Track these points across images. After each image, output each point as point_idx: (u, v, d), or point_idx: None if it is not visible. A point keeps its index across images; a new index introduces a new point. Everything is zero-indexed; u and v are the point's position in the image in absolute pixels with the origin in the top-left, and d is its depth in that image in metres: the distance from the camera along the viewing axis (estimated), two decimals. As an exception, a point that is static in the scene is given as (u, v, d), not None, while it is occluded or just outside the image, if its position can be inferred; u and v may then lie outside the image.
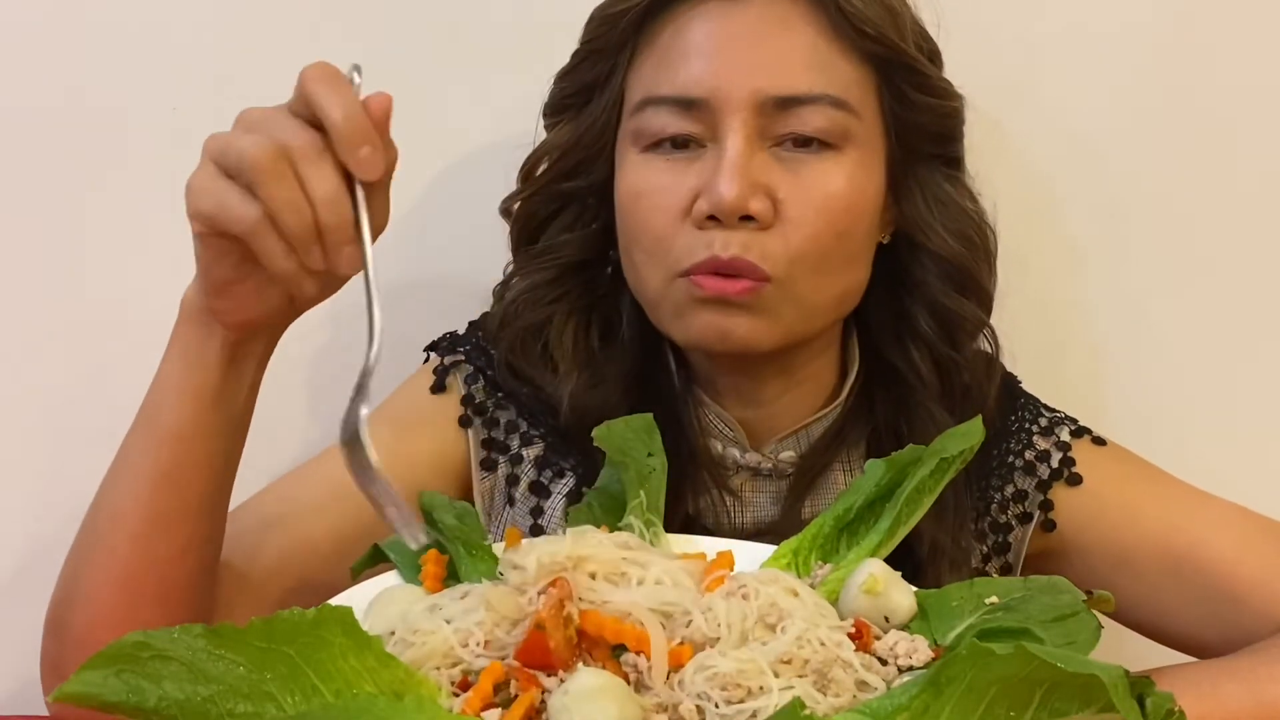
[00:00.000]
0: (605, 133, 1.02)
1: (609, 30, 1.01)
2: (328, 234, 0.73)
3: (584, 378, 1.03)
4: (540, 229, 1.07)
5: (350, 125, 0.73)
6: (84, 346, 1.21)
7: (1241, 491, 1.06)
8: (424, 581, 0.80)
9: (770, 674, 0.66)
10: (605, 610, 0.70)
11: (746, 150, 0.95)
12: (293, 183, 0.73)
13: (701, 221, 0.95)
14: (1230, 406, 1.30)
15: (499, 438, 1.06)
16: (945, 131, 1.04)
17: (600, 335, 1.06)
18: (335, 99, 0.73)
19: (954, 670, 0.62)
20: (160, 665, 0.59)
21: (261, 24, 1.21)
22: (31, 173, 1.20)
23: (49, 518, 0.91)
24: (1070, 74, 1.26)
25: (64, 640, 0.87)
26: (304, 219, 0.73)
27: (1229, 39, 1.27)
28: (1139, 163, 1.27)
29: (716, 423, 1.05)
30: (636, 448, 0.88)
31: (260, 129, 0.75)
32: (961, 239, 1.04)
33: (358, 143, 0.73)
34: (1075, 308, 1.29)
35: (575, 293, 1.06)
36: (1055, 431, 1.08)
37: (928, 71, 1.01)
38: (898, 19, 0.99)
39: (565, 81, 1.05)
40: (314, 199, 0.73)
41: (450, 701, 0.66)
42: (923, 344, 1.05)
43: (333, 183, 0.73)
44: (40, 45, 1.20)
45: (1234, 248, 1.29)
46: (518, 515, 1.05)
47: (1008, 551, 1.07)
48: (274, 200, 0.73)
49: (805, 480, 1.04)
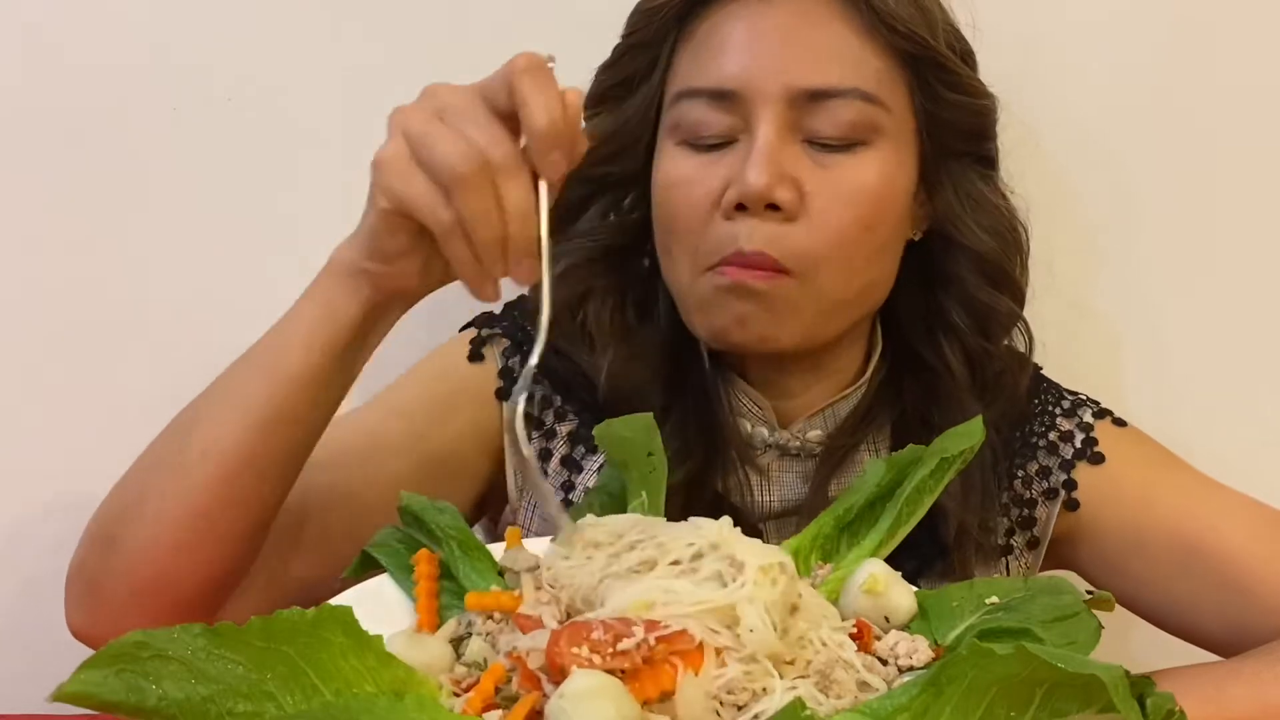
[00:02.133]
0: (644, 125, 1.04)
1: (649, 24, 1.03)
2: (513, 246, 0.74)
3: (622, 352, 1.04)
4: (577, 213, 1.08)
5: (553, 131, 0.73)
6: (85, 346, 1.21)
7: (1259, 485, 1.06)
8: (418, 582, 0.79)
9: (776, 675, 0.66)
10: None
11: (776, 141, 0.96)
12: (490, 194, 0.73)
13: (730, 211, 0.97)
14: (1249, 401, 1.30)
15: (533, 412, 1.07)
16: (977, 130, 1.05)
17: (637, 313, 1.08)
18: (541, 101, 0.73)
19: (954, 670, 0.62)
20: (160, 664, 0.59)
21: (262, 24, 1.21)
22: (31, 173, 1.20)
23: (51, 518, 0.90)
24: (1091, 71, 1.26)
25: (111, 555, 0.86)
26: (495, 232, 0.74)
27: (1255, 42, 1.27)
28: (1162, 160, 1.28)
29: (746, 402, 1.06)
30: (637, 447, 0.88)
31: (459, 126, 0.74)
32: (994, 235, 1.05)
33: (554, 147, 0.74)
34: (1096, 303, 1.30)
35: (613, 275, 1.07)
36: (1078, 413, 1.10)
37: (958, 70, 1.02)
38: (928, 16, 1.01)
39: (606, 74, 1.06)
40: (507, 212, 0.73)
41: (451, 701, 0.66)
42: (954, 337, 1.06)
43: (527, 197, 0.74)
44: (40, 45, 1.20)
45: (1252, 244, 1.29)
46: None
47: (1034, 525, 1.08)
48: (470, 210, 0.73)
49: (833, 459, 1.05)
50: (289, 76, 1.21)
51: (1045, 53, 1.24)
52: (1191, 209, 1.28)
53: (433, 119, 0.75)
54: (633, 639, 0.65)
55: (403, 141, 0.76)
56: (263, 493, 0.86)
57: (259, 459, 0.84)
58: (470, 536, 0.82)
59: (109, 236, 1.21)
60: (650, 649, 0.65)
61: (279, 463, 0.86)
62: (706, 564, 0.70)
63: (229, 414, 0.85)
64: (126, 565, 0.85)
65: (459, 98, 0.76)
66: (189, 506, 0.84)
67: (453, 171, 0.73)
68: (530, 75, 0.74)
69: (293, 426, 0.85)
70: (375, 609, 0.77)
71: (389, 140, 0.77)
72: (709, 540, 0.71)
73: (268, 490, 0.86)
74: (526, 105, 0.73)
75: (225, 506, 0.85)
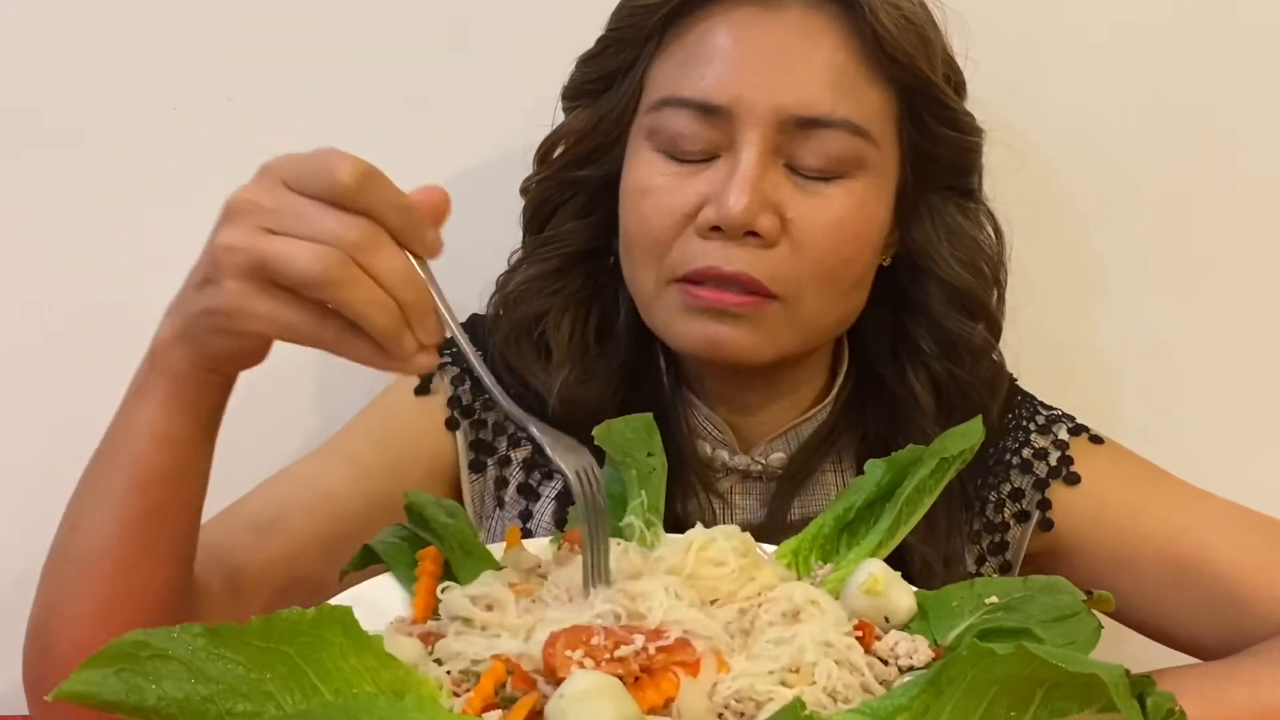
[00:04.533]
0: (620, 122, 1.01)
1: (637, 21, 0.99)
2: (412, 311, 0.70)
3: (576, 372, 1.02)
4: (550, 215, 1.06)
5: (411, 218, 0.70)
6: (85, 346, 1.21)
7: (1245, 492, 1.06)
8: (419, 579, 0.79)
9: (782, 688, 0.66)
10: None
11: (760, 165, 0.93)
12: (364, 281, 0.68)
13: (705, 231, 0.94)
14: (1236, 409, 1.30)
15: (486, 439, 1.05)
16: (963, 165, 1.03)
17: (597, 329, 1.05)
18: (381, 197, 0.69)
19: (954, 670, 0.61)
20: (159, 664, 0.59)
21: (262, 24, 1.21)
22: (31, 173, 1.20)
23: (50, 519, 0.90)
24: (1077, 77, 1.26)
25: (48, 661, 0.85)
26: (390, 312, 0.69)
27: (1246, 45, 1.27)
28: (1149, 170, 1.27)
29: (706, 425, 1.04)
30: (637, 447, 0.88)
31: (296, 230, 0.69)
32: (970, 268, 1.03)
33: (422, 230, 0.71)
34: (1082, 312, 1.29)
35: (576, 284, 1.05)
36: (1053, 429, 1.08)
37: (953, 105, 1.00)
38: (929, 48, 0.98)
39: (588, 66, 1.03)
40: (388, 285, 0.69)
41: (450, 701, 0.66)
42: (920, 363, 1.04)
43: (401, 260, 0.70)
44: (41, 45, 1.20)
45: (1240, 253, 1.29)
46: (507, 518, 1.05)
47: (1005, 551, 1.07)
48: (357, 307, 0.68)
49: (793, 482, 1.04)
50: (289, 76, 1.21)
51: (1040, 54, 1.24)
52: (1188, 213, 1.28)
53: (263, 236, 0.70)
54: (632, 646, 0.66)
55: (243, 279, 0.70)
56: (159, 579, 0.83)
57: (147, 547, 0.82)
58: (471, 537, 0.82)
59: (109, 236, 1.21)
60: (650, 657, 0.66)
61: (169, 542, 0.83)
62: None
63: (104, 513, 0.82)
64: (62, 669, 0.83)
65: (273, 200, 0.70)
66: (100, 602, 0.82)
67: (321, 279, 0.68)
68: (363, 185, 0.69)
69: (171, 517, 0.82)
70: (375, 608, 0.77)
71: (222, 282, 0.71)
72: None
73: (163, 576, 0.83)
74: (376, 212, 0.69)
75: (126, 597, 0.82)
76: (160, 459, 0.80)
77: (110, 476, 0.82)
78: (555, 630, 0.67)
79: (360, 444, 1.03)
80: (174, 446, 0.80)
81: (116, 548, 0.82)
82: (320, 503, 0.97)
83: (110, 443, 0.83)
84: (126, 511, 0.81)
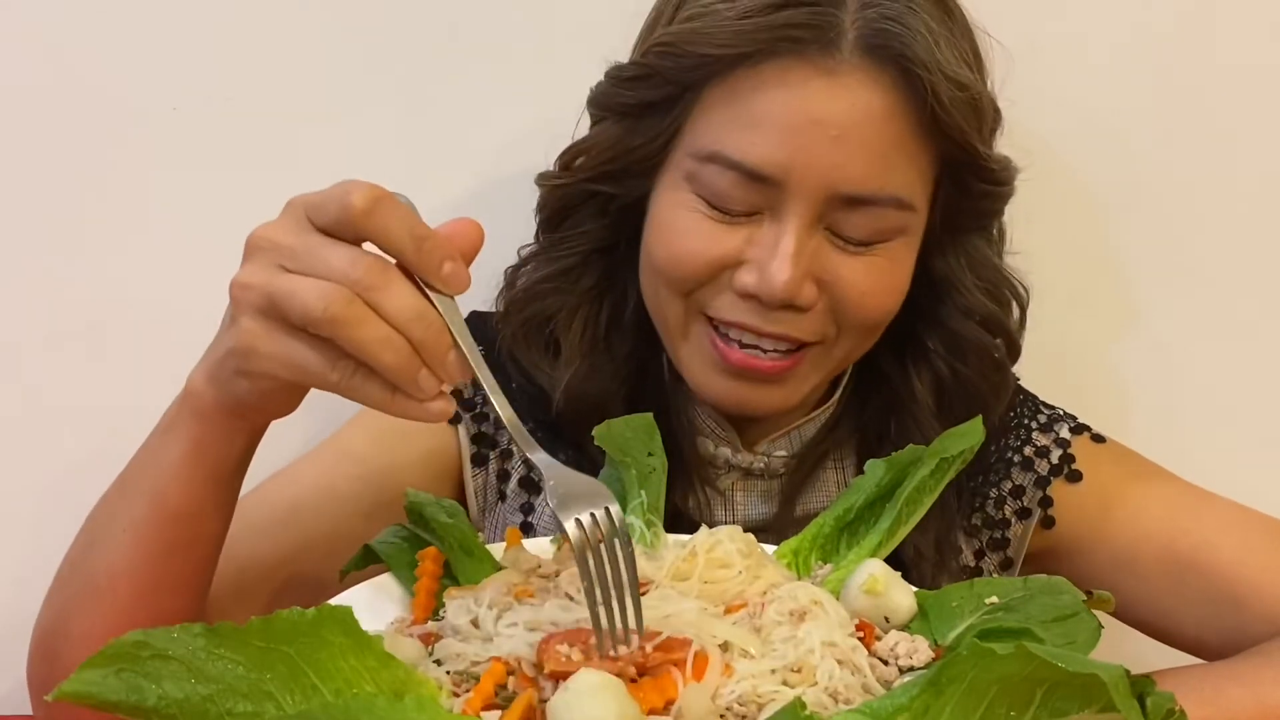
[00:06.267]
0: (656, 156, 0.98)
1: (686, 65, 0.94)
2: (426, 350, 0.67)
3: (584, 367, 1.03)
4: (565, 218, 1.06)
5: (426, 248, 0.68)
6: (85, 346, 1.21)
7: (1248, 493, 1.06)
8: (419, 579, 0.79)
9: (784, 688, 0.67)
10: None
11: (804, 237, 0.93)
12: (372, 319, 0.66)
13: (744, 292, 0.94)
14: (1238, 409, 1.30)
15: (489, 432, 1.05)
16: (993, 211, 1.04)
17: (607, 323, 1.05)
18: (395, 224, 0.67)
19: (955, 670, 0.62)
20: (160, 664, 0.59)
21: (262, 24, 1.21)
22: (32, 173, 1.20)
23: (52, 520, 0.90)
24: (1084, 77, 1.26)
25: (55, 667, 0.84)
26: (401, 351, 0.67)
27: (1257, 47, 1.27)
28: (1155, 170, 1.27)
29: (708, 422, 1.04)
30: (637, 447, 0.88)
31: (308, 268, 0.68)
32: (990, 294, 1.04)
33: (438, 261, 0.68)
34: (1084, 312, 1.29)
35: (591, 280, 1.05)
36: (1054, 428, 1.08)
37: (993, 166, 0.99)
38: (981, 118, 0.96)
39: (623, 87, 0.99)
40: (401, 324, 0.67)
41: (450, 701, 0.66)
42: (925, 364, 1.04)
43: (411, 297, 0.67)
44: (41, 45, 1.19)
45: (1243, 255, 1.29)
46: (508, 511, 1.05)
47: (1006, 547, 1.07)
48: (365, 346, 0.66)
49: (798, 479, 1.04)
50: (289, 76, 1.21)
51: (1047, 54, 1.23)
52: (1192, 214, 1.28)
53: (277, 274, 0.68)
54: (628, 646, 0.66)
55: (257, 316, 0.69)
56: (181, 602, 0.83)
57: (166, 579, 0.82)
58: (471, 537, 0.83)
59: (109, 236, 1.21)
60: (646, 656, 0.66)
61: (187, 575, 0.83)
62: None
63: (124, 541, 0.81)
64: (67, 675, 0.83)
65: (290, 237, 0.69)
66: (112, 626, 0.79)
67: (328, 318, 0.66)
68: (375, 210, 0.67)
69: (190, 548, 0.82)
70: (376, 608, 0.77)
71: (237, 320, 0.71)
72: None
73: (185, 599, 0.83)
74: (388, 237, 0.68)
75: (147, 620, 0.78)
76: (181, 499, 0.79)
77: (133, 505, 0.82)
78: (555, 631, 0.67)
79: (361, 441, 1.03)
80: (196, 488, 0.79)
81: (133, 575, 0.82)
82: (322, 501, 0.97)
83: (135, 472, 0.83)
84: (145, 543, 0.81)
